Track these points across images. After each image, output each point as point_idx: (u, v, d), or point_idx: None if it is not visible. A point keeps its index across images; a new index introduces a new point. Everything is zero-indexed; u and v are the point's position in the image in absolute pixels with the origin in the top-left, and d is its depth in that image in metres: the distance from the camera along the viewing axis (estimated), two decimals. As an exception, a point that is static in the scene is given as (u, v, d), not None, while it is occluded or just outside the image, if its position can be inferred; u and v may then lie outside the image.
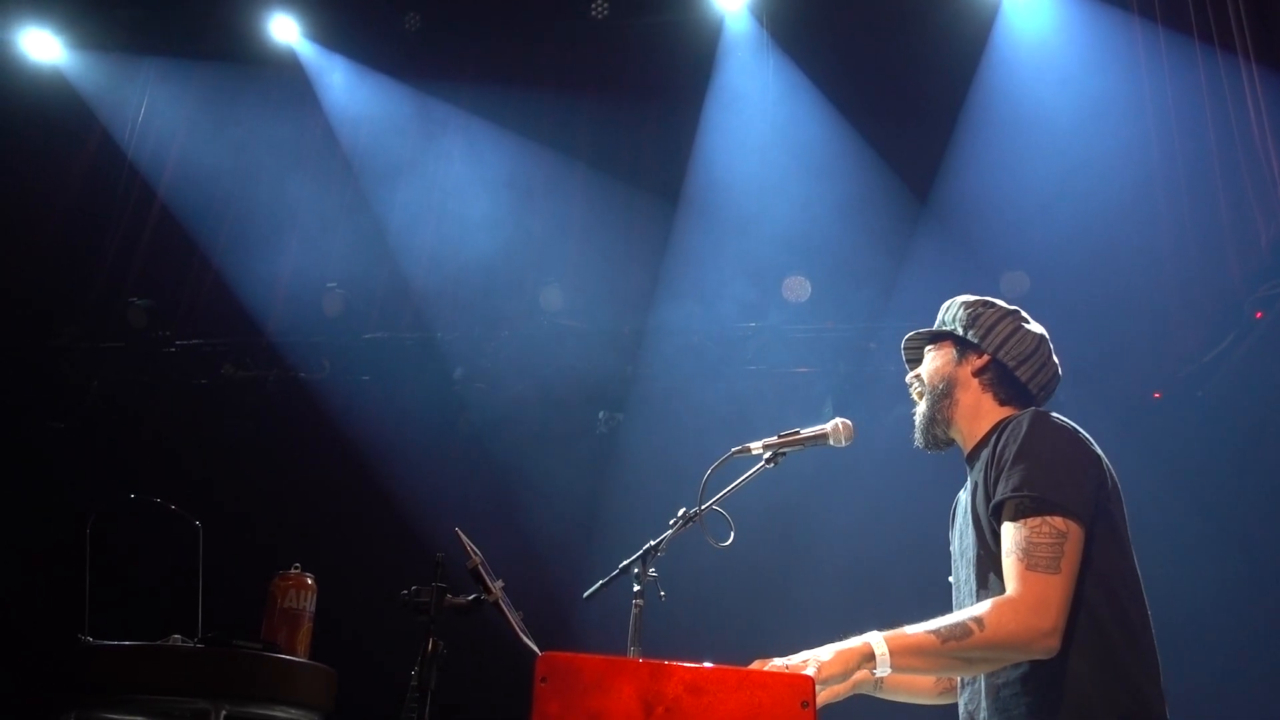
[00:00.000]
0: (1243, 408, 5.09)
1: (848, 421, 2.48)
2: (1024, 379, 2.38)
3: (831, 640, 2.10)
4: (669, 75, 6.52)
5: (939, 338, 2.48)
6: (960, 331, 2.43)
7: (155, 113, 7.07)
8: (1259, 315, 4.85)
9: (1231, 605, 4.72)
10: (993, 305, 2.45)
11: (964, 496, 2.47)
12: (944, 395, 2.40)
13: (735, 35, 6.32)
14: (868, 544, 5.25)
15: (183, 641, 3.04)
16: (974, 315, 2.42)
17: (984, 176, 5.61)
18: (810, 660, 2.03)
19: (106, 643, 3.02)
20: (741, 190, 6.08)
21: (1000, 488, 2.15)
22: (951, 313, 2.48)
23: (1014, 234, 5.49)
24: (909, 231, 5.78)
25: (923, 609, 2.52)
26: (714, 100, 6.28)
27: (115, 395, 6.65)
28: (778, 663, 2.06)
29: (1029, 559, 2.05)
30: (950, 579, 2.51)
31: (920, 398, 2.46)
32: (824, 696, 2.31)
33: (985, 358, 2.39)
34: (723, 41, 6.31)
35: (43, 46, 7.00)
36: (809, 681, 1.78)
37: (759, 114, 6.21)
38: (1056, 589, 2.02)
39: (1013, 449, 2.16)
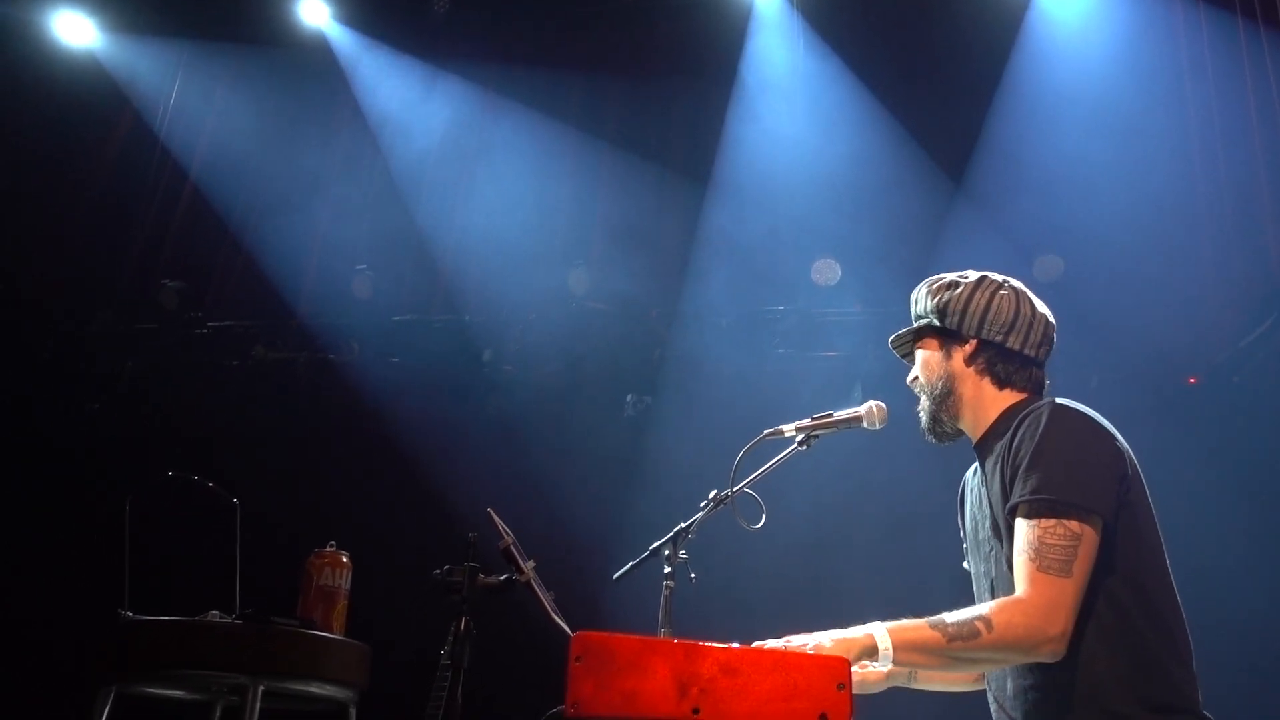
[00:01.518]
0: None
1: (881, 404, 2.46)
2: (1017, 347, 2.29)
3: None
4: (698, 56, 6.48)
5: (921, 333, 2.40)
6: (936, 322, 2.35)
7: (187, 96, 7.13)
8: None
9: (1270, 592, 4.66)
10: (958, 284, 2.35)
11: (973, 480, 2.45)
12: (945, 394, 2.33)
13: (765, 14, 6.27)
14: (900, 527, 5.23)
15: (221, 618, 3.08)
16: (943, 302, 2.33)
17: (1018, 158, 5.53)
18: (809, 646, 2.01)
19: (146, 618, 3.07)
20: (771, 172, 6.04)
21: (1017, 489, 2.11)
22: (922, 304, 2.39)
23: (1048, 216, 5.41)
24: (941, 214, 5.71)
25: (955, 594, 2.52)
26: (744, 81, 6.23)
27: (148, 377, 6.72)
28: (774, 644, 2.04)
29: (1041, 560, 2.01)
30: (965, 565, 2.49)
31: (919, 392, 2.41)
32: (857, 687, 2.30)
33: (972, 342, 2.31)
34: (753, 21, 6.27)
35: (76, 30, 7.05)
36: (845, 664, 1.77)
37: (789, 94, 6.16)
38: (1067, 593, 1.99)
39: (1029, 447, 2.11)
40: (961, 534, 2.53)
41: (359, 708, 3.35)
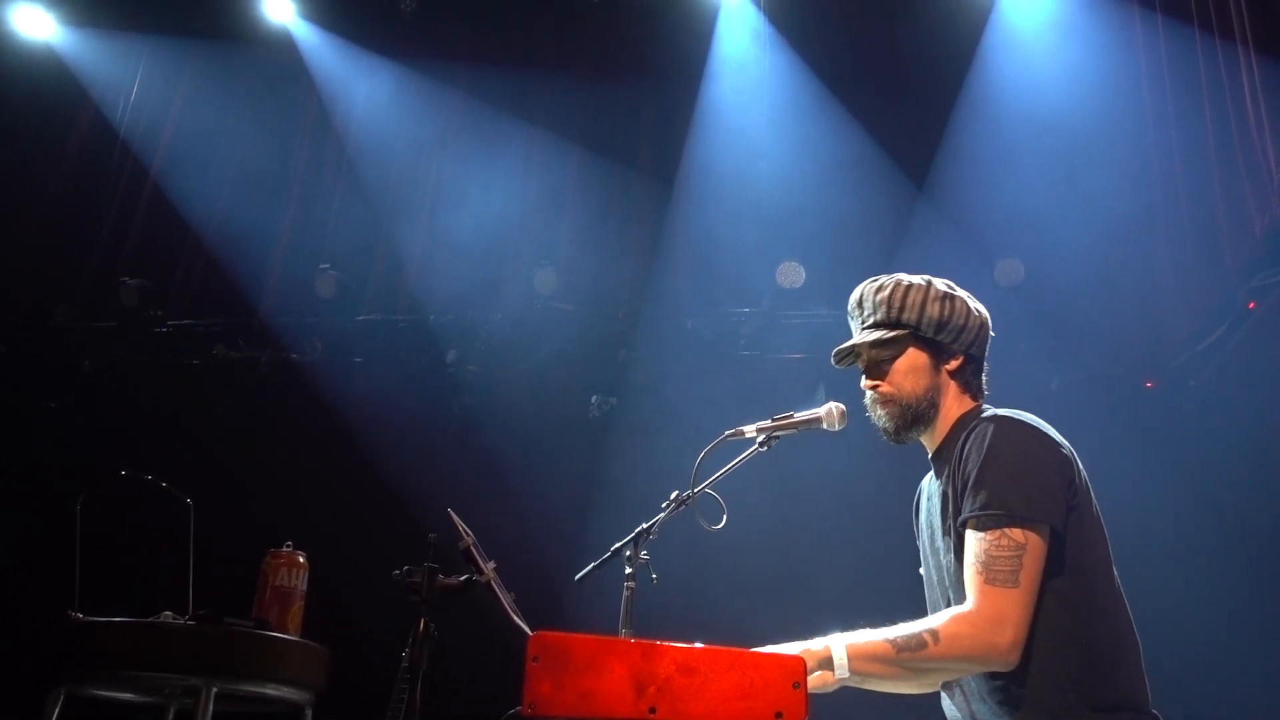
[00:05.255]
0: (1235, 398, 5.10)
1: (841, 405, 2.47)
2: (980, 358, 2.40)
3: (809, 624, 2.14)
4: (666, 58, 6.49)
5: (904, 342, 2.35)
6: (931, 334, 2.34)
7: (148, 91, 7.02)
8: (1252, 305, 4.85)
9: (1223, 595, 4.74)
10: (954, 298, 2.37)
11: (928, 489, 2.49)
12: (929, 406, 2.34)
13: (732, 17, 6.29)
14: (860, 528, 5.26)
15: (174, 619, 3.04)
16: (945, 316, 2.33)
17: (980, 163, 5.59)
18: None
19: (97, 619, 3.02)
20: (736, 174, 6.06)
21: (966, 504, 2.15)
22: (909, 309, 2.33)
23: (1009, 221, 5.48)
24: (904, 218, 5.76)
25: (913, 597, 2.54)
26: (710, 83, 6.25)
27: (107, 374, 6.63)
28: None
29: (988, 572, 2.06)
30: (921, 571, 2.52)
31: (888, 406, 2.36)
32: (813, 683, 2.33)
33: (960, 358, 2.36)
34: (720, 24, 6.29)
35: (35, 23, 6.94)
36: (801, 663, 1.79)
37: (755, 97, 6.19)
38: (1014, 604, 2.04)
39: (976, 461, 2.16)
40: (918, 542, 2.56)
41: (315, 710, 3.32)
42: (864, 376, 2.42)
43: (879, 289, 2.40)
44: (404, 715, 2.28)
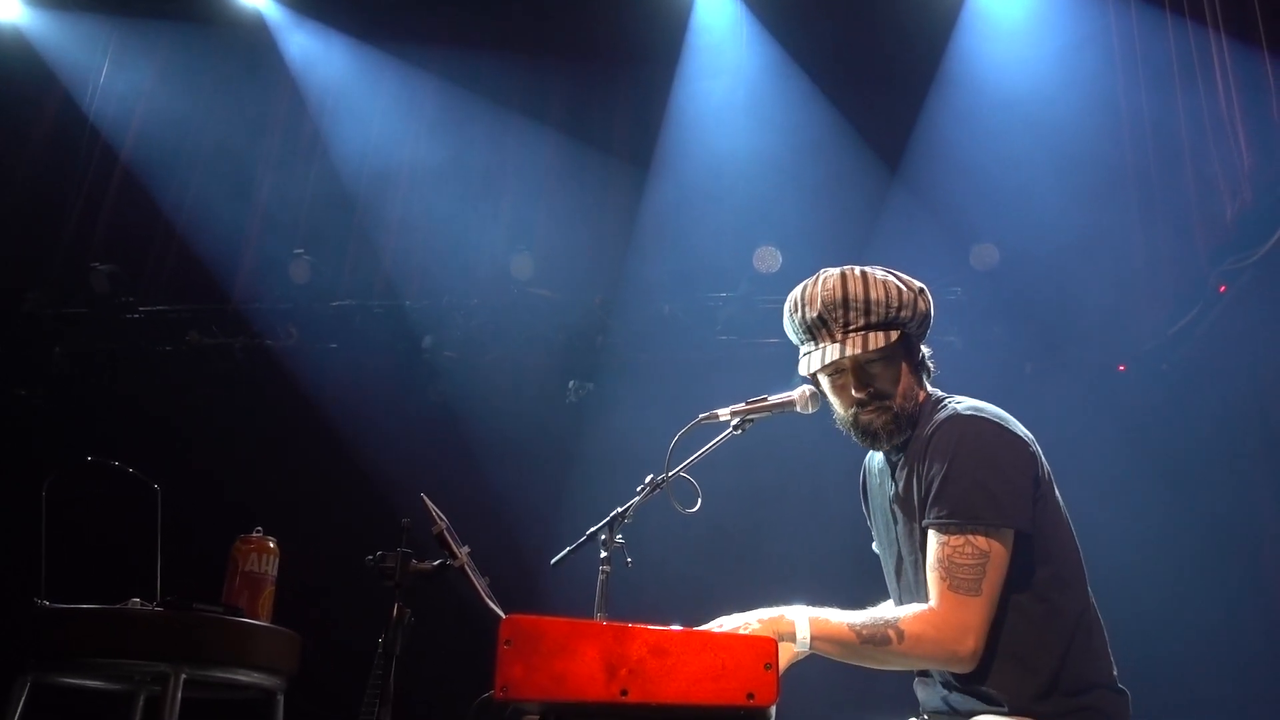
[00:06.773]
0: (1206, 381, 5.15)
1: (815, 389, 2.48)
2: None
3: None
4: (643, 42, 6.47)
5: (894, 342, 2.21)
6: (914, 330, 2.29)
7: (118, 74, 6.92)
8: (1222, 289, 4.88)
9: (1193, 578, 4.79)
10: (925, 291, 2.31)
11: (874, 467, 2.50)
12: (915, 405, 2.28)
13: (709, 2, 6.27)
14: (833, 511, 5.27)
15: (142, 605, 3.02)
16: (925, 311, 2.28)
17: (954, 148, 5.61)
18: (739, 626, 2.09)
19: (64, 606, 2.99)
20: (713, 159, 6.06)
21: (931, 510, 2.15)
22: (905, 306, 2.22)
23: (983, 206, 5.50)
24: (879, 202, 5.78)
25: (874, 573, 2.56)
26: (687, 68, 6.24)
27: (78, 361, 6.55)
28: (708, 627, 2.11)
29: (951, 578, 2.07)
30: (874, 548, 2.54)
31: (883, 414, 2.25)
32: (784, 659, 2.34)
33: (920, 351, 2.34)
34: (696, 8, 6.27)
35: (1, 5, 6.82)
36: (772, 644, 1.79)
37: (732, 82, 6.18)
38: (976, 612, 2.05)
39: (940, 467, 2.15)
40: (867, 520, 2.58)
41: (289, 695, 3.30)
42: (853, 387, 2.25)
43: (868, 286, 2.21)
44: (379, 700, 2.28)
